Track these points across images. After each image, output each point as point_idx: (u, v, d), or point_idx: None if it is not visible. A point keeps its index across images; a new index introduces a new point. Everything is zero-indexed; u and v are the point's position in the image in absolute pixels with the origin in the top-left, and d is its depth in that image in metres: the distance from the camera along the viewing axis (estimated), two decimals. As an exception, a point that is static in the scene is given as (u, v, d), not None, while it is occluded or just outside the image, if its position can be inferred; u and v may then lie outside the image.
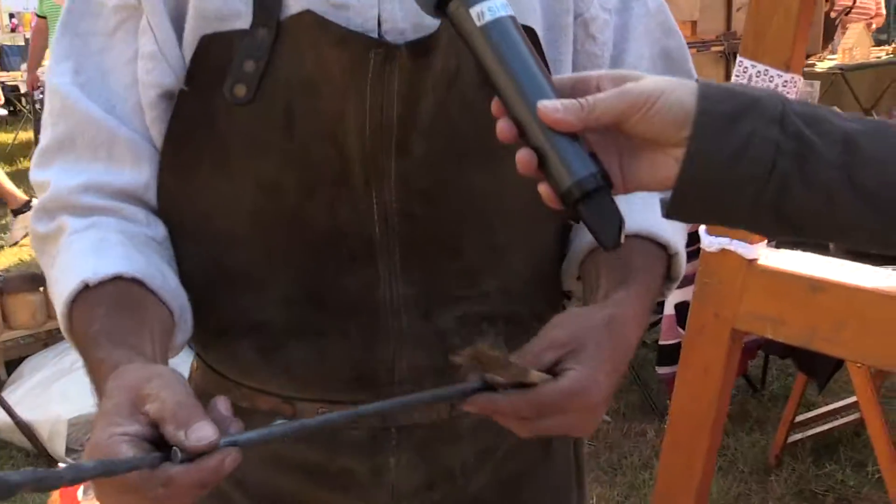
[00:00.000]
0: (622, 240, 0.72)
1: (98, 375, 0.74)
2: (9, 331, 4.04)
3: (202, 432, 0.61)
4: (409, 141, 0.85)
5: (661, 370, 3.41)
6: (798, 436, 3.26)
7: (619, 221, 0.70)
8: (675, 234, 0.92)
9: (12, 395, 3.50)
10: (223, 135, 0.86)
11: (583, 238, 0.92)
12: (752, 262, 1.99)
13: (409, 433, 0.92)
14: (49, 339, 4.10)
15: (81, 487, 2.15)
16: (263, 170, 0.86)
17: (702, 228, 2.08)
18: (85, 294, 0.81)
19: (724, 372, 2.12)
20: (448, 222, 0.87)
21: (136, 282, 0.82)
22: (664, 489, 2.32)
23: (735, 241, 1.99)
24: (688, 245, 3.24)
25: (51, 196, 0.89)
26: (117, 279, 0.81)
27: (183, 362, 1.02)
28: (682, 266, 0.94)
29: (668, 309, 3.29)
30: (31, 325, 4.07)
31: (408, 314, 0.89)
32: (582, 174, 0.69)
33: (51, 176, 0.90)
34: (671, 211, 0.71)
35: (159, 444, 0.63)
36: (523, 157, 0.70)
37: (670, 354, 3.35)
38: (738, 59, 1.84)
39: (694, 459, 2.23)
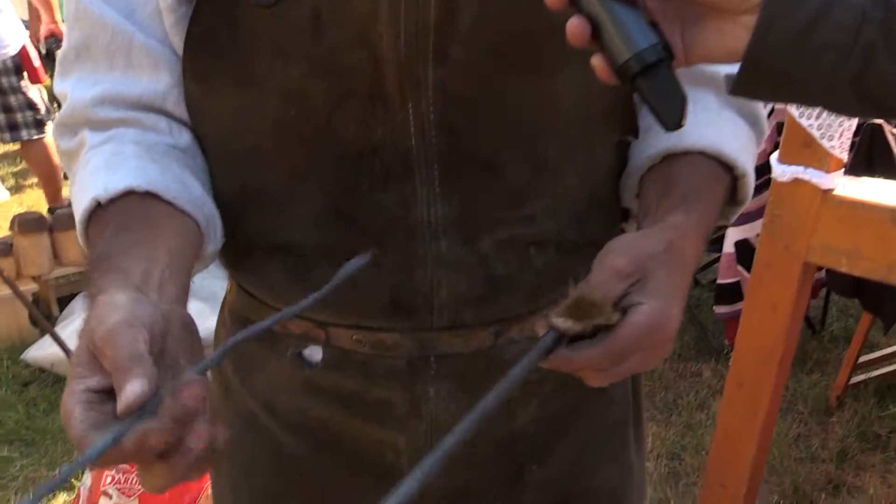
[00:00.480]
0: (684, 120, 0.66)
1: (92, 297, 0.69)
2: (60, 267, 4.08)
3: (125, 395, 0.57)
4: (449, 47, 0.77)
5: (719, 310, 3.33)
6: (861, 377, 3.17)
7: (682, 98, 0.64)
8: (742, 153, 0.85)
9: (65, 330, 3.53)
10: (245, 40, 0.79)
11: (643, 152, 0.85)
12: (827, 192, 1.89)
13: (449, 362, 0.86)
14: (99, 275, 4.12)
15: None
16: (289, 78, 0.79)
17: (773, 157, 1.98)
18: (98, 213, 0.78)
19: (794, 308, 2.04)
20: (490, 137, 0.80)
21: (150, 195, 0.78)
22: (726, 428, 2.26)
23: (810, 170, 1.89)
24: (755, 178, 3.14)
25: (69, 109, 0.85)
26: (130, 194, 0.77)
27: (221, 279, 0.99)
28: (750, 189, 0.87)
29: (728, 247, 3.20)
30: (82, 262, 4.09)
31: (447, 237, 0.82)
32: (642, 45, 0.62)
33: (69, 87, 0.86)
34: (738, 86, 0.65)
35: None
36: (575, 25, 0.62)
37: (728, 294, 3.27)
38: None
39: (759, 398, 2.16)
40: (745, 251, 3.11)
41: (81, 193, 0.79)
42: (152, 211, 0.77)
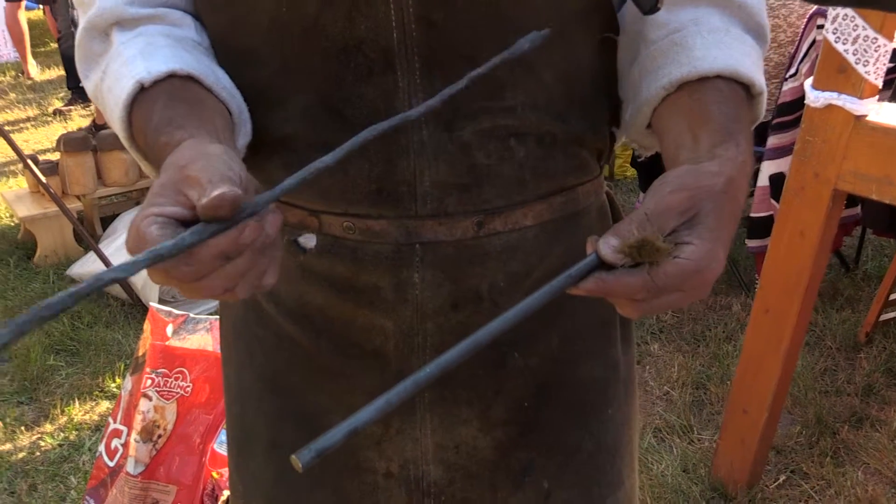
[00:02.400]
0: (661, 3, 0.65)
1: (161, 159, 0.72)
2: (103, 188, 4.16)
3: (217, 190, 0.61)
4: None
5: (751, 243, 3.33)
6: (891, 314, 3.17)
7: None
8: (756, 70, 0.85)
9: (108, 249, 3.63)
10: None
11: (654, 82, 0.85)
12: (860, 118, 1.89)
13: (433, 250, 0.89)
14: (141, 196, 4.22)
15: (170, 326, 2.22)
16: None
17: (807, 83, 1.98)
18: (140, 96, 0.80)
19: (822, 235, 2.05)
20: (468, 30, 0.82)
21: (190, 79, 0.81)
22: (751, 353, 2.30)
23: (843, 96, 1.89)
24: (790, 113, 3.15)
25: (97, 11, 0.87)
26: (171, 77, 0.80)
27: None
28: (763, 107, 0.87)
29: (763, 180, 3.19)
30: (125, 183, 4.18)
31: (428, 125, 0.85)
32: None
33: None
34: None
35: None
36: None
37: (761, 227, 3.26)
38: None
39: (784, 324, 2.18)
40: (779, 185, 3.09)
41: (121, 81, 0.82)
42: (197, 92, 0.81)
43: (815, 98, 1.92)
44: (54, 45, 7.86)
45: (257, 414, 1.04)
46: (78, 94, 6.68)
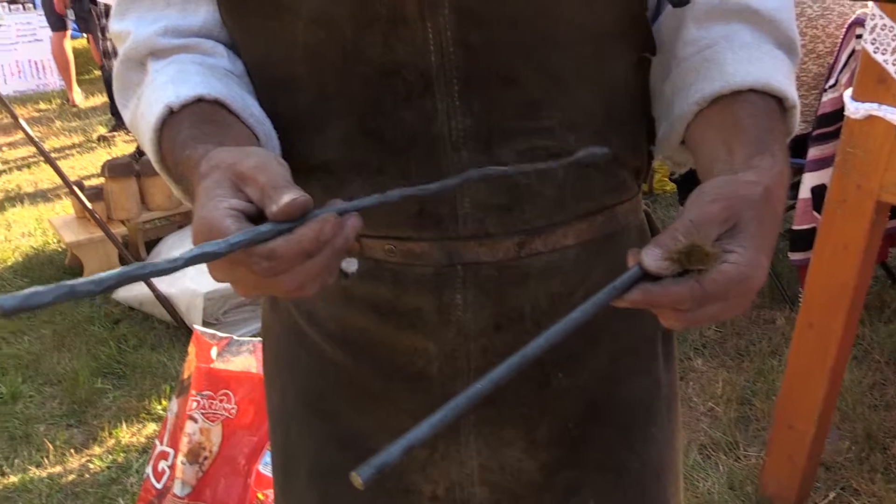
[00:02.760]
0: None
1: (189, 169, 0.74)
2: (147, 212, 4.23)
3: (289, 196, 0.63)
4: None
5: (794, 256, 3.29)
6: (941, 326, 3.12)
7: None
8: (789, 84, 0.85)
9: (152, 272, 3.67)
10: None
11: (687, 98, 0.85)
12: (902, 129, 1.87)
13: (475, 271, 0.90)
14: (184, 220, 4.28)
15: (215, 348, 2.25)
16: (316, 2, 0.83)
17: (846, 94, 1.96)
18: (169, 119, 0.82)
19: (866, 248, 2.03)
20: (505, 51, 0.83)
21: (218, 104, 0.83)
22: (796, 368, 2.27)
23: (884, 107, 1.87)
24: (830, 124, 3.11)
25: (132, 44, 0.90)
26: (199, 101, 0.82)
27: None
28: (797, 122, 0.86)
29: (804, 192, 3.15)
30: (168, 207, 4.24)
31: (467, 147, 0.85)
32: None
33: (129, 26, 0.91)
34: None
35: (259, 221, 0.64)
36: None
37: (804, 240, 3.22)
38: None
39: (829, 339, 2.16)
40: (821, 197, 3.06)
41: (152, 105, 0.84)
42: (223, 117, 0.83)
43: (855, 109, 1.91)
44: (98, 73, 8.01)
45: (301, 437, 1.05)
46: (121, 120, 6.79)
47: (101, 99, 8.10)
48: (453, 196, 0.87)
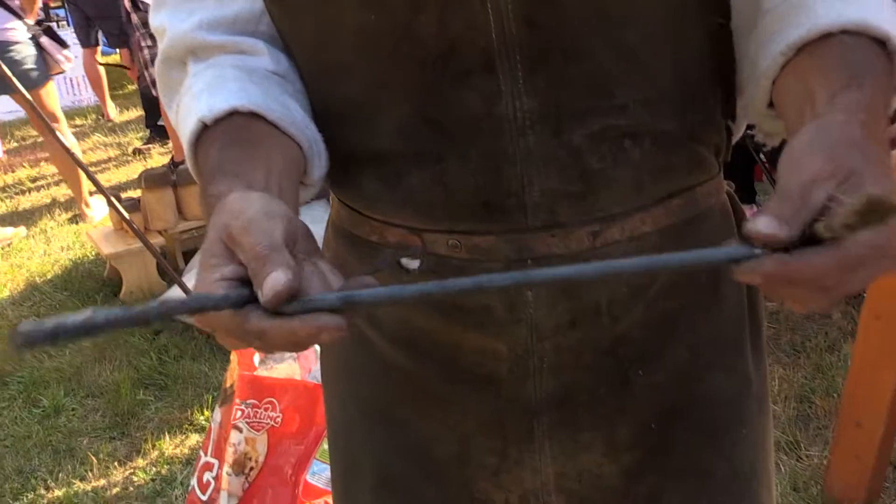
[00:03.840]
0: None
1: (209, 210, 0.70)
2: (184, 222, 4.21)
3: (270, 288, 0.59)
4: None
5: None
6: None
7: None
8: (893, 24, 0.72)
9: (190, 282, 3.63)
10: None
11: (773, 49, 0.75)
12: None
13: (547, 265, 0.82)
14: (222, 229, 4.24)
15: (257, 356, 2.20)
16: None
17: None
18: (204, 134, 0.78)
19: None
20: (572, 26, 0.75)
21: (254, 115, 0.77)
22: (862, 363, 2.17)
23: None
24: None
25: (169, 42, 0.86)
26: (234, 114, 0.77)
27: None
28: None
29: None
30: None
31: (535, 131, 0.78)
32: None
33: (165, 20, 0.86)
34: None
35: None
36: None
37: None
38: None
39: (898, 330, 2.06)
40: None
41: (188, 118, 0.79)
42: (258, 130, 0.77)
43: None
44: (131, 87, 8.06)
45: (363, 447, 0.98)
46: (156, 132, 6.81)
47: (135, 113, 8.14)
48: (521, 184, 0.80)
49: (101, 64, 7.49)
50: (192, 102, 0.80)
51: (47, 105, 4.95)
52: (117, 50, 7.56)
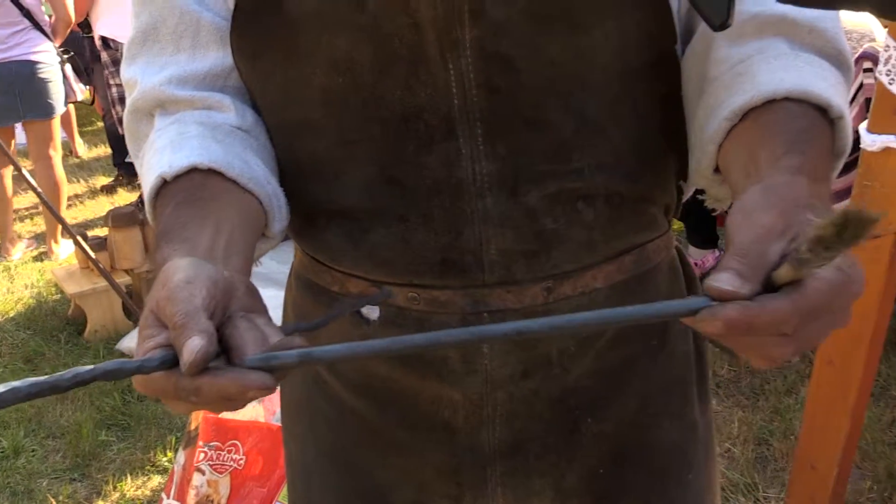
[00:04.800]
0: (731, 19, 0.58)
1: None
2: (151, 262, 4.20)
3: (187, 355, 0.61)
4: (483, 5, 0.77)
5: (807, 293, 3.24)
6: (958, 361, 3.07)
7: None
8: (833, 93, 0.74)
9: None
10: (292, 14, 0.81)
11: (718, 116, 0.77)
12: (919, 160, 1.84)
13: (502, 318, 0.86)
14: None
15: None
16: (335, 48, 0.80)
17: (862, 127, 1.93)
18: (164, 190, 0.80)
19: (885, 283, 1.99)
20: (531, 93, 0.79)
21: (213, 172, 0.80)
22: (816, 407, 2.21)
23: (901, 139, 1.84)
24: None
25: (139, 94, 0.88)
26: (193, 171, 0.79)
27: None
28: (849, 134, 0.76)
29: (815, 228, 3.12)
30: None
31: (493, 193, 0.82)
32: None
33: (137, 73, 0.89)
34: None
35: None
36: None
37: (816, 276, 3.18)
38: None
39: (849, 376, 2.11)
40: (833, 232, 3.03)
41: (149, 173, 0.82)
42: (215, 187, 0.79)
43: (872, 142, 1.88)
44: (100, 124, 8.03)
45: (323, 492, 1.00)
46: (124, 170, 6.79)
47: (103, 150, 8.10)
48: (479, 243, 0.83)
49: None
50: (154, 158, 0.82)
51: (54, 134, 4.96)
52: (86, 87, 7.55)
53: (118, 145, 6.52)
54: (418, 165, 0.82)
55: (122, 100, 5.53)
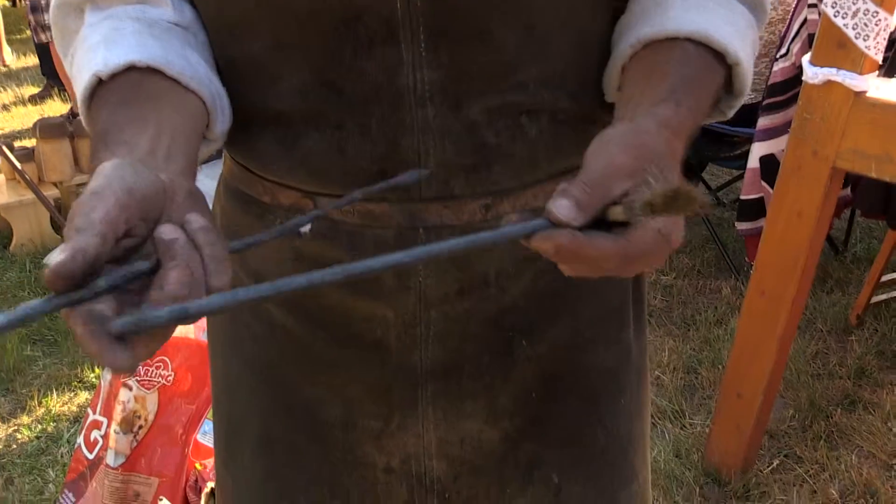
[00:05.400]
0: None
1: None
2: (80, 175, 4.08)
3: (48, 260, 0.54)
4: None
5: (741, 226, 3.29)
6: (882, 296, 3.15)
7: None
8: (737, 38, 0.78)
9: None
10: None
11: (627, 39, 0.80)
12: (859, 94, 1.84)
13: (438, 234, 0.83)
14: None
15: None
16: None
17: (805, 59, 1.93)
18: (99, 90, 0.74)
19: (819, 216, 2.01)
20: (476, 3, 0.76)
21: (152, 70, 0.74)
22: (746, 336, 2.26)
23: (842, 72, 1.84)
24: (781, 93, 3.11)
25: None
26: (131, 69, 0.73)
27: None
28: (746, 78, 0.80)
29: (752, 162, 3.15)
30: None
31: (434, 103, 0.78)
32: None
33: None
34: None
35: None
36: None
37: (751, 210, 3.23)
38: None
39: (779, 307, 2.14)
40: (769, 167, 3.06)
41: (81, 72, 0.76)
42: (155, 86, 0.74)
43: (814, 74, 1.88)
44: (29, 33, 7.74)
45: (248, 407, 0.98)
46: (54, 80, 6.56)
47: (32, 59, 7.82)
48: (417, 155, 0.80)
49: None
50: (87, 55, 0.76)
51: None
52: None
53: (43, 53, 6.29)
54: (357, 71, 0.78)
55: (34, 8, 5.29)
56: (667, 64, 0.75)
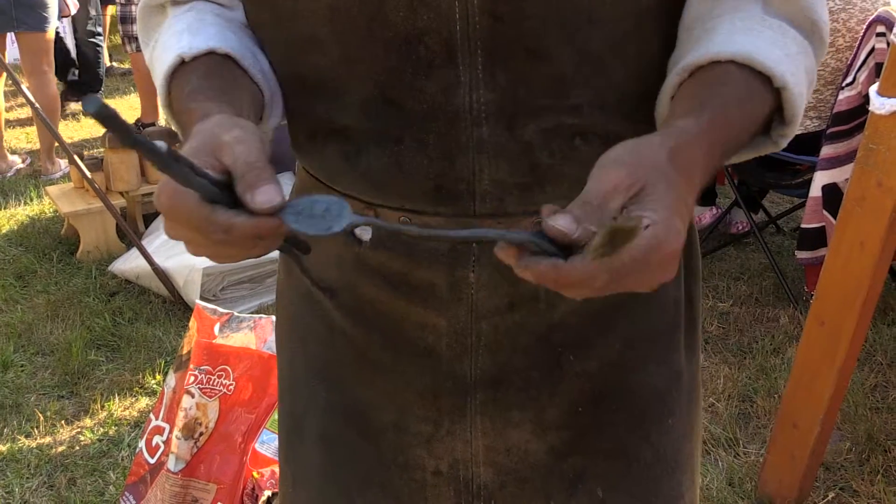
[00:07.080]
0: None
1: (188, 123, 0.74)
2: (147, 185, 4.18)
3: (266, 196, 0.63)
4: None
5: (801, 255, 3.26)
6: (945, 330, 3.09)
7: None
8: (786, 62, 0.77)
9: (150, 245, 3.63)
10: None
11: (676, 69, 0.80)
12: (927, 126, 1.83)
13: (490, 250, 0.84)
14: (184, 194, 4.21)
15: (218, 324, 2.21)
16: None
17: (872, 89, 1.92)
18: (180, 68, 0.83)
19: (883, 246, 1.99)
20: (535, 23, 0.78)
21: (228, 58, 0.84)
22: (804, 366, 2.24)
23: (910, 103, 1.83)
24: (846, 122, 3.07)
25: None
26: (211, 54, 0.83)
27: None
28: (797, 104, 0.78)
29: (815, 191, 3.12)
30: (168, 181, 4.18)
31: (489, 123, 0.82)
32: None
33: None
34: None
35: (226, 189, 0.65)
36: None
37: (812, 238, 3.20)
38: None
39: (839, 337, 2.12)
40: (832, 196, 3.03)
41: (165, 52, 0.84)
42: (230, 71, 0.83)
43: (881, 105, 1.87)
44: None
45: (308, 405, 1.02)
46: (68, 92, 6.56)
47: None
48: (472, 173, 0.83)
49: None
50: (172, 40, 0.85)
51: (49, 48, 4.88)
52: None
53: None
54: (417, 89, 0.81)
55: (123, 19, 5.42)
56: (704, 84, 0.76)
